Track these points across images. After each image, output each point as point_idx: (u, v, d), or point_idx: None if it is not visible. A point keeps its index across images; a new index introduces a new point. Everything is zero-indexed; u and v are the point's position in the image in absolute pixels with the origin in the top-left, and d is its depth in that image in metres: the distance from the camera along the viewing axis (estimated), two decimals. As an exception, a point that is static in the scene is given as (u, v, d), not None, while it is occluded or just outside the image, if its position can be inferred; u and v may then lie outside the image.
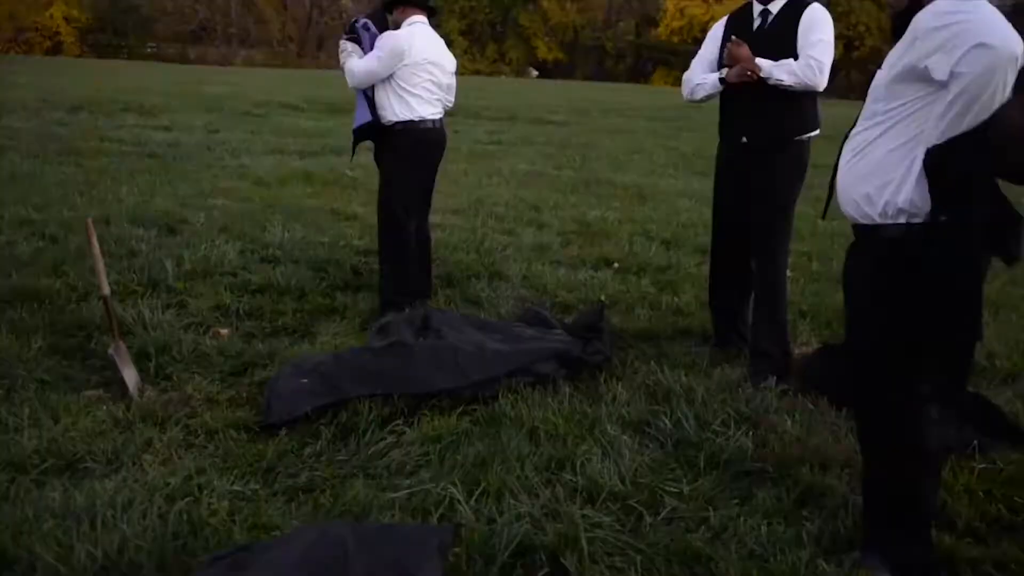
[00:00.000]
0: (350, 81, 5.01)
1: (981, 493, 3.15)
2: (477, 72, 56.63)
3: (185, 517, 2.94)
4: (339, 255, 6.07)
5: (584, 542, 2.68)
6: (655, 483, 3.17)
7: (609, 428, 3.58)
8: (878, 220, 2.57)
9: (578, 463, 3.27)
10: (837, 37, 4.08)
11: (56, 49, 51.50)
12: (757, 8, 4.16)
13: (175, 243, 6.25)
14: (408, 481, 3.21)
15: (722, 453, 3.37)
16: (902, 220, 2.53)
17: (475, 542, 2.68)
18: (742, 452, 3.38)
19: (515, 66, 62.07)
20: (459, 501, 2.95)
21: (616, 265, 6.15)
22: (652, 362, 4.31)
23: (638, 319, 5.04)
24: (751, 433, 3.54)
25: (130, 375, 4.17)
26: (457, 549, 2.65)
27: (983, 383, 4.30)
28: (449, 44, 5.44)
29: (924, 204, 2.48)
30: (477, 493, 3.04)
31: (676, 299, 5.35)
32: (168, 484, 3.18)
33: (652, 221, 7.63)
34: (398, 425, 3.67)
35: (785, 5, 4.07)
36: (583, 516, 2.89)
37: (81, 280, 5.32)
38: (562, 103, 19.27)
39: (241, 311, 5.09)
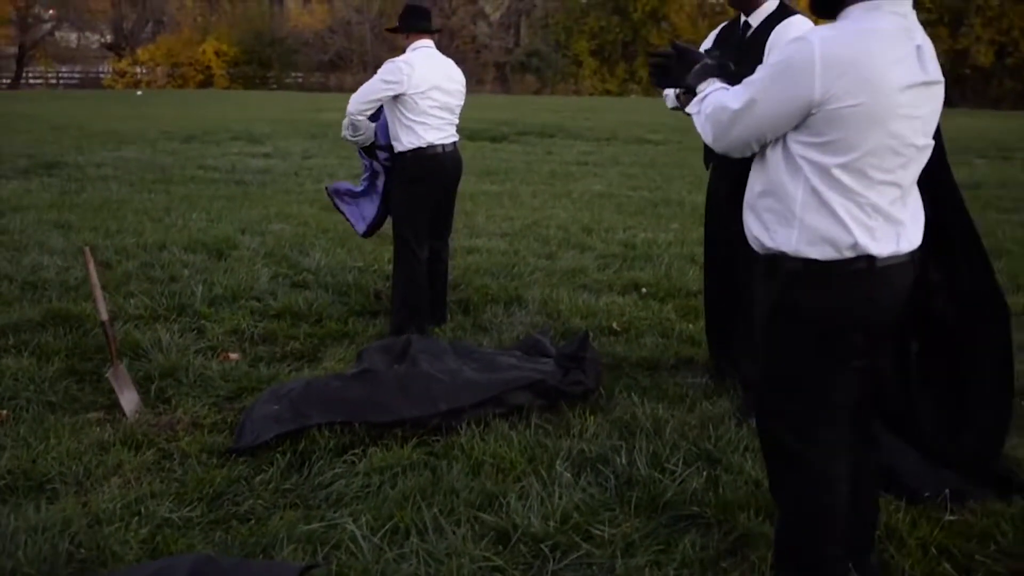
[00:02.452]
0: (349, 107, 5.02)
1: (934, 549, 2.84)
2: (607, 92, 56.47)
3: (100, 544, 2.99)
4: (366, 280, 6.11)
5: (459, 587, 2.56)
6: (582, 524, 3.02)
7: (557, 464, 3.43)
8: (775, 248, 2.35)
9: (508, 501, 3.15)
10: (988, 42, 3.78)
11: (207, 82, 54.40)
12: (743, 20, 3.95)
13: (217, 268, 6.44)
14: (335, 514, 3.16)
15: (664, 495, 3.18)
16: (802, 253, 2.29)
17: (349, 582, 2.61)
18: (685, 494, 3.17)
19: (645, 85, 61.57)
20: (358, 538, 2.87)
21: (644, 290, 5.95)
22: (633, 394, 4.13)
23: (643, 347, 4.85)
24: (705, 473, 3.32)
25: (130, 398, 4.29)
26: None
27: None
28: (578, 64, 5.53)
29: (819, 236, 2.25)
30: (384, 530, 2.96)
31: (691, 327, 5.12)
32: (106, 509, 3.24)
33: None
34: (355, 454, 3.64)
35: (767, 18, 3.84)
36: (484, 559, 2.77)
37: (114, 305, 5.55)
38: (669, 121, 18.92)
39: (256, 336, 5.18)
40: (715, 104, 2.35)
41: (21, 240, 7.22)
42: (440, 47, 5.22)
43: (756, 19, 3.88)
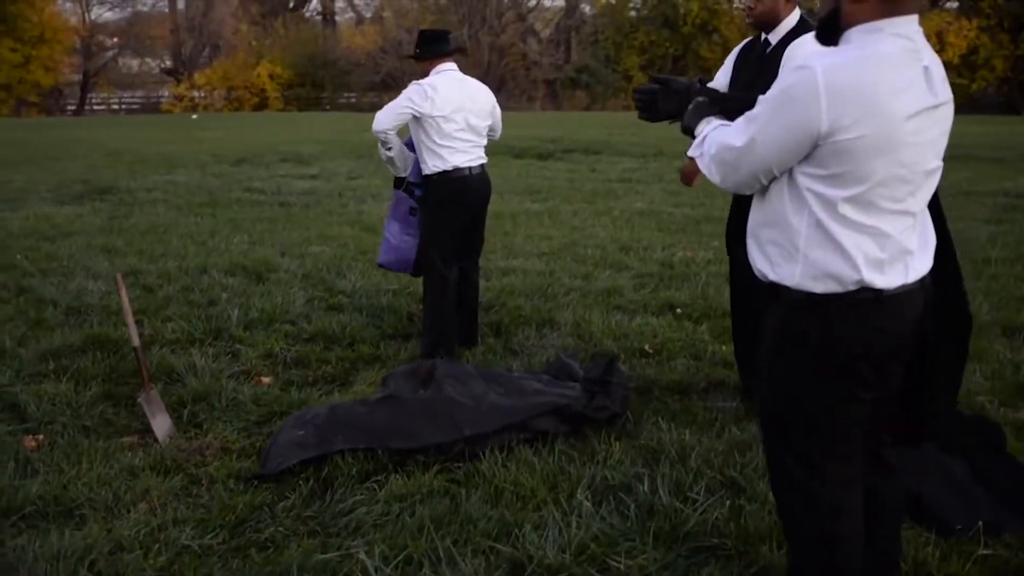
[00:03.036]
0: (374, 126, 5.02)
1: (966, 585, 2.73)
2: (657, 107, 55.78)
3: (119, 572, 3.01)
4: (400, 302, 6.12)
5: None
6: (599, 555, 2.96)
7: (578, 493, 3.38)
8: (779, 281, 2.29)
9: (525, 531, 3.10)
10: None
11: (263, 105, 55.32)
12: (763, 37, 3.89)
13: (255, 291, 6.50)
14: (353, 542, 3.15)
15: (686, 524, 3.11)
16: (805, 287, 2.22)
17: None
18: (707, 524, 3.10)
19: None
20: (369, 569, 2.85)
21: (679, 311, 5.86)
22: (661, 419, 4.05)
23: (675, 370, 4.77)
24: (728, 503, 3.24)
25: (162, 422, 4.34)
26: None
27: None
28: (628, 79, 5.54)
29: (823, 272, 2.19)
30: (398, 560, 2.94)
31: (724, 348, 5.02)
32: (129, 535, 3.27)
33: (744, 262, 7.24)
34: (378, 480, 3.63)
35: (787, 34, 3.77)
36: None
37: (152, 329, 5.63)
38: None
39: (288, 359, 5.21)
40: (718, 143, 2.29)
41: (69, 265, 7.38)
42: (490, 65, 5.24)
43: (776, 36, 3.82)
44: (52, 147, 18.44)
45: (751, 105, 2.22)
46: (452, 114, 4.93)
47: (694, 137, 2.43)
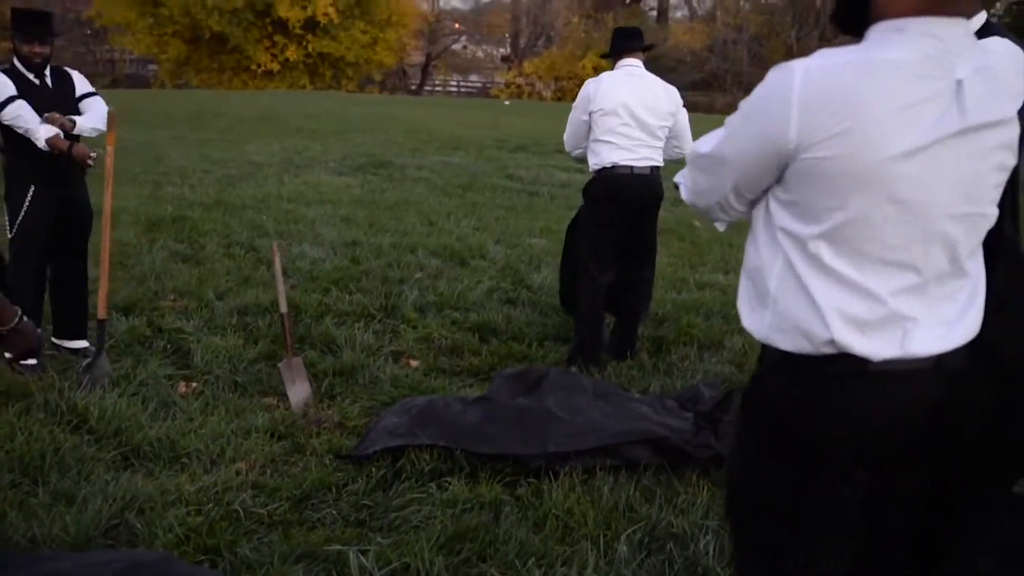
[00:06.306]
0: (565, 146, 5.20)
1: None
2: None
3: (153, 524, 3.14)
4: (576, 303, 5.92)
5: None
6: (605, 609, 2.67)
7: (624, 536, 3.06)
8: (748, 329, 1.88)
9: (529, 565, 2.87)
10: None
11: (584, 96, 56.58)
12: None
13: (448, 275, 6.60)
14: (384, 540, 3.08)
15: (718, 595, 2.72)
16: (773, 341, 1.78)
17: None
18: (739, 600, 2.67)
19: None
20: (352, 568, 2.76)
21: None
22: (769, 470, 3.58)
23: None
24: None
25: (300, 390, 4.52)
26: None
27: None
28: None
29: (792, 324, 1.78)
30: (393, 567, 2.82)
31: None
32: (191, 491, 3.41)
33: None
34: (445, 481, 3.53)
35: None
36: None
37: (334, 300, 5.88)
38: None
39: (443, 346, 5.24)
40: (692, 151, 1.92)
41: (304, 230, 7.92)
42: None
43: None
44: (364, 121, 20.01)
45: None
46: (615, 109, 4.70)
47: None
